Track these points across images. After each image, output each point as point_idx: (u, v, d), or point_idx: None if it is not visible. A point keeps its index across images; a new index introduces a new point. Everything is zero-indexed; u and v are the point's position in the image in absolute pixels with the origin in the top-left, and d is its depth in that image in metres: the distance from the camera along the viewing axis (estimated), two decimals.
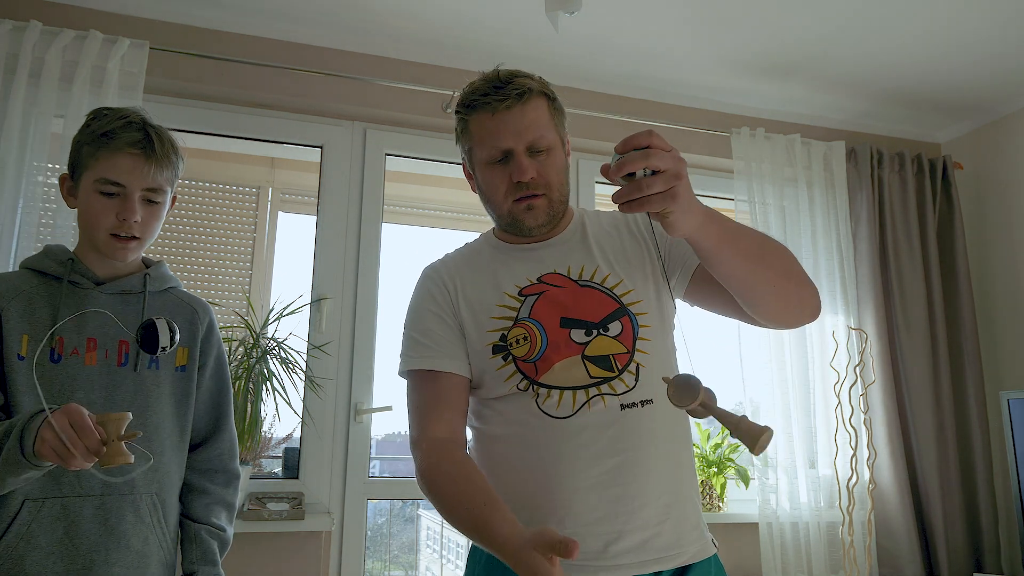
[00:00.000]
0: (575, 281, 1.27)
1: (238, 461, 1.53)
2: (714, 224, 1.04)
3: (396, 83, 2.58)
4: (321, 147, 2.63)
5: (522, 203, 1.26)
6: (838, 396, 2.76)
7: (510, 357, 1.23)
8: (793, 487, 2.67)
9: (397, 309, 2.67)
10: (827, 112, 3.16)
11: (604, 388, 1.20)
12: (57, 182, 1.68)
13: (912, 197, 3.06)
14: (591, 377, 1.21)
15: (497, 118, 1.23)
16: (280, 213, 2.78)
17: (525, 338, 1.22)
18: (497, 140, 1.23)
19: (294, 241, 2.69)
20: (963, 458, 2.94)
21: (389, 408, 2.51)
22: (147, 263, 1.47)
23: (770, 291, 1.14)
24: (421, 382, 1.27)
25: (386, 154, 2.70)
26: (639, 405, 1.21)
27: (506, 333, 1.24)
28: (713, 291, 1.25)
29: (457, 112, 1.31)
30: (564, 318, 1.23)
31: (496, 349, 1.24)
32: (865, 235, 2.95)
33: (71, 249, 1.41)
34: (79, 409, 1.11)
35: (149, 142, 1.35)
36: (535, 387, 1.21)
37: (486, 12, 2.46)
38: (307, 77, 2.52)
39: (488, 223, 1.39)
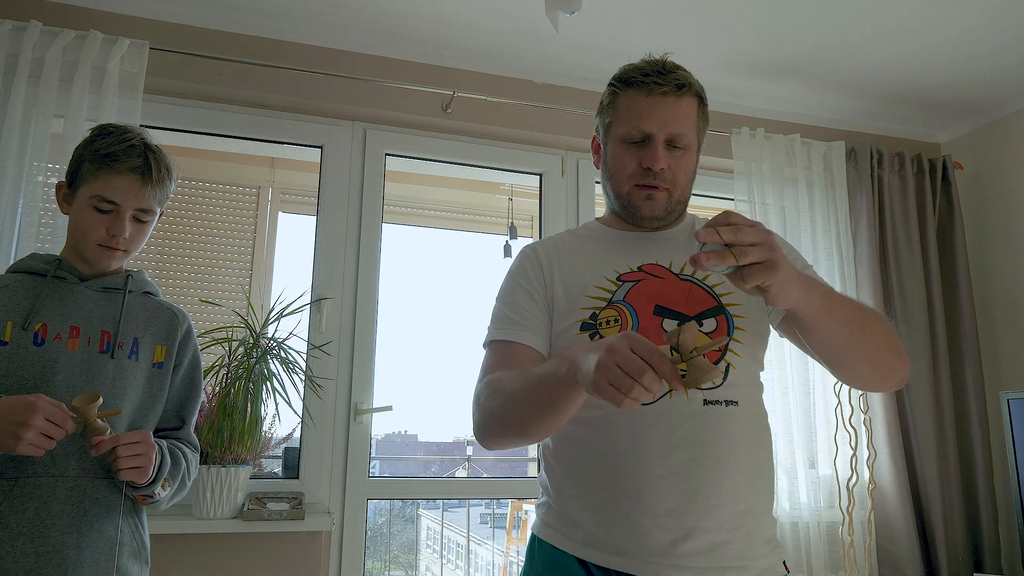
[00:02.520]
0: (675, 274, 1.26)
1: (195, 462, 1.55)
2: (815, 294, 1.03)
3: (396, 83, 2.58)
4: (321, 147, 2.63)
5: (643, 190, 1.26)
6: (838, 396, 2.76)
7: (597, 336, 1.20)
8: (793, 487, 2.67)
9: (397, 309, 2.67)
10: (827, 112, 3.16)
11: None
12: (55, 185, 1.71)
13: (912, 197, 3.05)
14: None
15: (650, 100, 1.23)
16: (280, 213, 2.78)
17: (616, 320, 1.20)
18: (642, 122, 1.23)
19: (294, 241, 2.70)
20: (963, 458, 2.94)
21: (389, 408, 2.51)
22: (128, 271, 1.54)
23: (864, 361, 1.12)
24: (497, 349, 1.27)
25: (386, 154, 2.70)
26: (723, 404, 1.17)
27: (597, 312, 1.22)
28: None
29: (611, 84, 1.30)
30: (659, 306, 1.21)
31: (584, 326, 1.22)
32: (865, 235, 2.95)
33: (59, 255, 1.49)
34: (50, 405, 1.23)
35: (148, 167, 1.43)
36: None
37: (486, 12, 2.47)
38: (307, 77, 2.52)
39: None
